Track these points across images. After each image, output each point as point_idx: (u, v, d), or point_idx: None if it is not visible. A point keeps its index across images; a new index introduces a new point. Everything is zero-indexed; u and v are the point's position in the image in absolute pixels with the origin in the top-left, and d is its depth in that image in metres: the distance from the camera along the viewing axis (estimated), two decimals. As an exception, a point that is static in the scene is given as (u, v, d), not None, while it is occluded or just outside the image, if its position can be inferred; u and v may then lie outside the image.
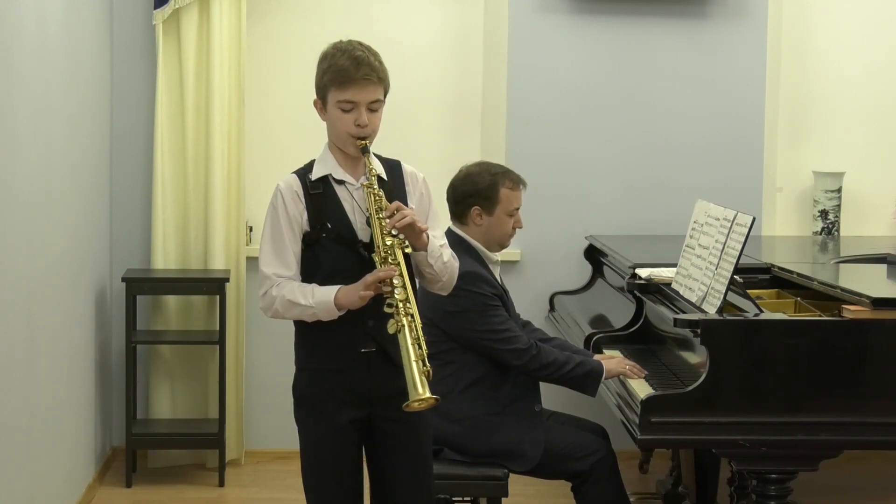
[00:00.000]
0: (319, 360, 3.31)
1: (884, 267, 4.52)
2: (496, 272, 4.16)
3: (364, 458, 3.39)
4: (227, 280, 5.43)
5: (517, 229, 4.21)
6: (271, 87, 5.82)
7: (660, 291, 4.23)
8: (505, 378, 4.08)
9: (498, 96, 5.75)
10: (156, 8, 5.44)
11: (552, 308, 5.54)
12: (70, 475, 4.90)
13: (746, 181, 5.82)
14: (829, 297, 3.85)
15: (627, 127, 5.82)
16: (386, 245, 3.15)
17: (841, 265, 4.73)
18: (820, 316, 3.79)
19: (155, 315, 5.62)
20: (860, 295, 3.63)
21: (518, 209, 4.18)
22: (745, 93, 5.83)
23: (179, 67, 5.52)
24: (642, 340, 4.36)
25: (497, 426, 4.06)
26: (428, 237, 3.23)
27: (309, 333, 3.31)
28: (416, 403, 3.03)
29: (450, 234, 4.05)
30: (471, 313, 3.97)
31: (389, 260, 3.14)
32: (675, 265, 4.17)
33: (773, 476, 3.59)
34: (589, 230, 5.68)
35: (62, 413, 4.72)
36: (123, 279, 5.41)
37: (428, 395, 3.02)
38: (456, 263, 3.36)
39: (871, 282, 4.17)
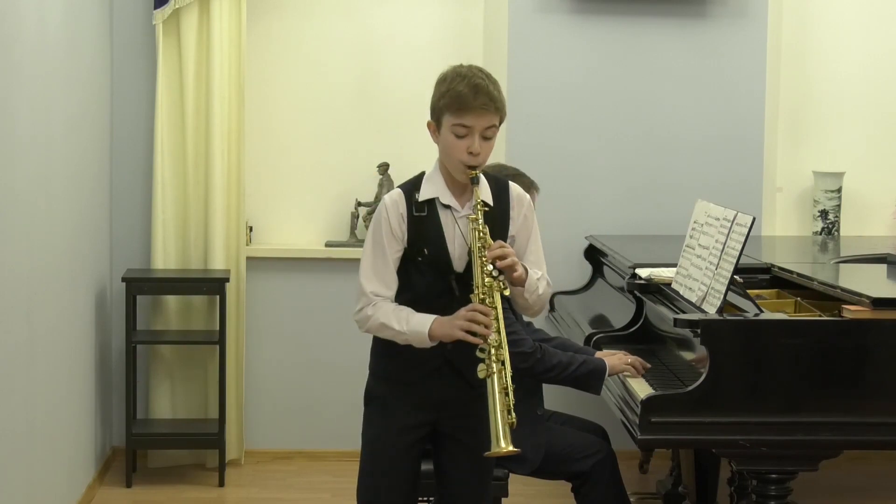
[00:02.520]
0: (395, 370, 3.34)
1: (884, 267, 4.52)
2: None
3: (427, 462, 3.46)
4: (227, 280, 5.43)
5: None
6: (271, 87, 5.82)
7: (660, 291, 4.23)
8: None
9: (498, 96, 5.74)
10: (156, 8, 5.44)
11: (552, 308, 5.54)
12: (70, 475, 4.90)
13: (746, 181, 5.82)
14: (829, 297, 3.85)
15: (627, 127, 5.82)
16: (485, 286, 3.15)
17: (841, 265, 4.73)
18: (820, 316, 3.79)
19: (155, 315, 5.62)
20: (860, 295, 3.63)
21: None
22: (745, 93, 5.83)
23: (179, 67, 5.51)
24: (642, 340, 4.35)
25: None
26: (527, 273, 3.24)
27: (387, 344, 3.32)
28: (497, 451, 3.06)
29: None
30: None
31: (486, 302, 3.14)
32: (675, 265, 4.17)
33: (773, 476, 3.59)
34: (589, 230, 5.68)
35: (62, 413, 4.72)
36: (123, 279, 5.40)
37: (510, 448, 3.05)
38: (550, 291, 3.39)
39: (871, 282, 4.16)
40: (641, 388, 3.84)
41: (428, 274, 3.27)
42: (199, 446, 5.60)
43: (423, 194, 3.28)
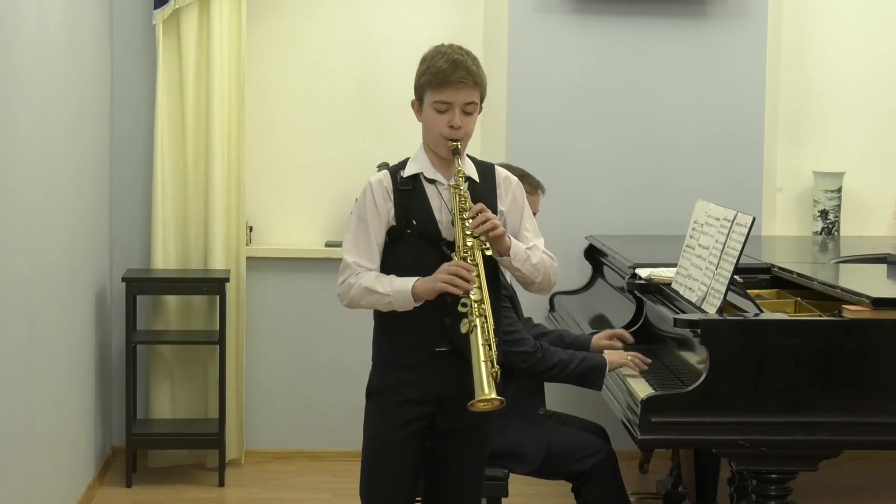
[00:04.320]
0: (394, 355, 3.36)
1: (884, 267, 4.52)
2: (507, 273, 4.14)
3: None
4: (227, 280, 5.43)
5: None
6: (271, 87, 5.82)
7: (660, 291, 4.23)
8: (509, 380, 4.07)
9: (498, 96, 5.75)
10: (156, 8, 5.44)
11: (552, 308, 5.54)
12: (70, 475, 4.90)
13: (746, 181, 5.82)
14: (829, 297, 3.85)
15: (627, 127, 5.82)
16: (466, 246, 3.20)
17: (841, 265, 4.73)
18: (820, 316, 3.79)
19: (155, 315, 5.62)
20: (860, 295, 3.63)
21: (534, 214, 4.17)
22: (745, 93, 5.83)
23: (179, 67, 5.51)
24: (642, 340, 4.36)
25: (499, 428, 4.05)
26: (511, 241, 3.27)
27: (386, 328, 3.37)
28: (482, 403, 3.08)
29: None
30: None
31: (469, 260, 3.19)
32: (675, 265, 4.17)
33: (773, 476, 3.59)
34: (589, 230, 5.68)
35: (62, 413, 4.72)
36: (123, 279, 5.40)
37: (494, 395, 3.08)
38: (554, 264, 3.41)
39: (871, 282, 4.17)
40: (641, 388, 3.84)
41: (418, 246, 3.30)
42: (199, 446, 5.60)
43: (408, 171, 3.36)
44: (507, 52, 5.76)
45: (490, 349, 3.11)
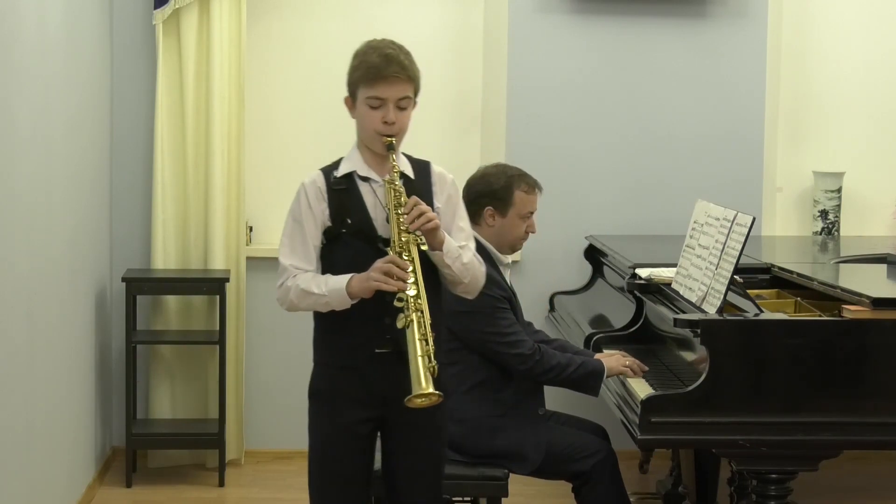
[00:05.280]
0: (335, 355, 3.33)
1: (884, 267, 4.52)
2: (506, 274, 4.15)
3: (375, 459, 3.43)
4: (227, 280, 5.43)
5: (530, 234, 4.21)
6: (271, 87, 5.82)
7: (660, 291, 4.23)
8: (509, 380, 4.08)
9: (498, 96, 5.75)
10: (156, 8, 5.44)
11: (552, 308, 5.54)
12: (70, 475, 4.90)
13: (746, 181, 5.82)
14: (829, 297, 3.85)
15: (627, 127, 5.82)
16: (401, 240, 3.17)
17: (841, 265, 4.73)
18: (820, 316, 3.80)
19: (155, 315, 5.62)
20: (860, 295, 3.63)
21: (532, 213, 4.18)
22: (745, 93, 5.83)
23: (179, 67, 5.52)
24: (642, 340, 4.36)
25: (499, 428, 4.05)
26: (445, 236, 3.24)
27: (327, 329, 3.34)
28: (419, 399, 3.05)
29: None
30: (479, 314, 3.96)
31: (404, 255, 3.17)
32: (675, 265, 4.17)
33: (773, 476, 3.60)
34: (589, 230, 5.68)
35: (62, 413, 4.72)
36: (123, 279, 5.41)
37: (431, 389, 3.04)
38: (482, 268, 3.37)
39: (871, 282, 4.17)
40: (641, 388, 3.84)
41: (355, 245, 3.28)
42: (199, 446, 5.60)
43: (342, 170, 3.33)
44: (507, 52, 5.76)
45: (427, 344, 3.08)
